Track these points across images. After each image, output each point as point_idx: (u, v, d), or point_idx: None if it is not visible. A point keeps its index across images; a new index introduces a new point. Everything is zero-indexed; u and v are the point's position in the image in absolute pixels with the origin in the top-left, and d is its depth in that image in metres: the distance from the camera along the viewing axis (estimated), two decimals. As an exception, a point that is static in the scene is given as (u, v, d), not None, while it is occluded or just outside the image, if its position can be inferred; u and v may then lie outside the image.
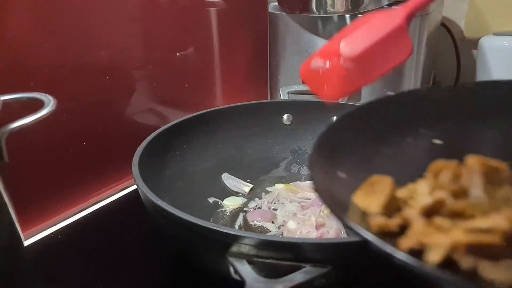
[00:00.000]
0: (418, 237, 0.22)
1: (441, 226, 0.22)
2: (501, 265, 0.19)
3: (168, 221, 0.45)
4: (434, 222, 0.22)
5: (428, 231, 0.22)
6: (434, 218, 0.22)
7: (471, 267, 0.20)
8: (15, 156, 0.42)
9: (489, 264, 0.19)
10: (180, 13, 0.81)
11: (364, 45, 0.42)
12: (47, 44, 0.61)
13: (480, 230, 0.20)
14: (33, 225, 0.63)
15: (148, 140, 0.58)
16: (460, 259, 0.20)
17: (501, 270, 0.19)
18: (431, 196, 0.23)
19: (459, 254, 0.20)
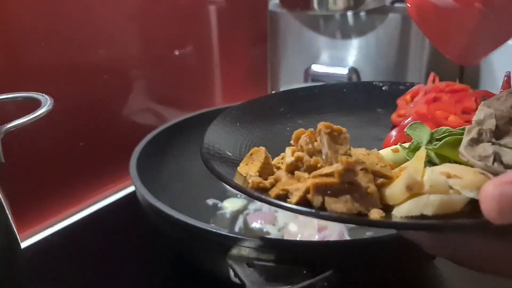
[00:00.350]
0: (283, 186, 0.29)
1: (300, 176, 0.29)
2: (340, 200, 0.26)
3: (166, 223, 0.45)
4: (295, 175, 0.30)
5: (291, 182, 0.29)
6: (296, 172, 0.30)
7: (320, 203, 0.27)
8: (11, 157, 0.42)
9: (332, 200, 0.27)
10: (179, 11, 0.80)
11: None
12: (44, 43, 0.61)
13: (325, 175, 0.27)
14: (30, 227, 0.62)
15: (146, 141, 0.58)
16: (313, 199, 0.27)
17: (341, 203, 0.26)
18: (293, 156, 0.30)
19: (311, 195, 0.27)
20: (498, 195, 0.22)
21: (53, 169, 0.64)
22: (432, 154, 0.31)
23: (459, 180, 0.26)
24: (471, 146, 0.27)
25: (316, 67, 0.80)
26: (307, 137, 0.31)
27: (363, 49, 0.79)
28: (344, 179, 0.26)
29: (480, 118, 0.28)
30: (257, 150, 0.33)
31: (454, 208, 0.26)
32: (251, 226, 0.59)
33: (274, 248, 0.40)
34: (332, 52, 0.82)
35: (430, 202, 0.25)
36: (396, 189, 0.27)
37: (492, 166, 0.26)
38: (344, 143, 0.30)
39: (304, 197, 0.27)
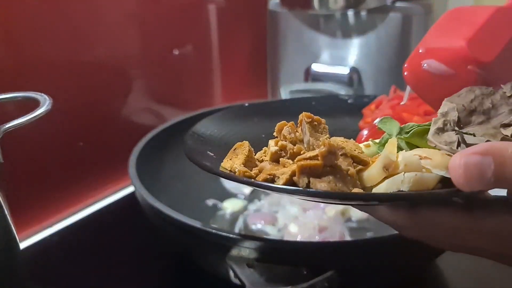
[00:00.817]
0: (269, 172, 0.31)
1: (284, 162, 0.31)
2: (324, 180, 0.29)
3: (166, 223, 0.45)
4: (281, 162, 0.32)
5: (277, 168, 0.31)
6: (281, 159, 0.32)
7: (306, 184, 0.29)
8: (10, 157, 0.42)
9: (317, 180, 0.29)
10: (178, 11, 0.80)
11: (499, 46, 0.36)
12: (43, 43, 0.61)
13: (309, 158, 0.29)
14: (29, 227, 0.62)
15: (146, 140, 0.58)
16: (298, 181, 0.29)
17: (324, 182, 0.28)
18: (277, 146, 0.33)
19: (297, 177, 0.29)
20: (464, 164, 0.26)
21: (52, 169, 0.64)
22: (402, 143, 0.34)
23: (430, 160, 0.29)
24: (438, 134, 0.31)
25: (316, 67, 0.80)
26: (290, 128, 0.34)
27: (363, 48, 0.79)
28: (327, 161, 0.29)
29: (444, 111, 0.32)
30: (240, 145, 0.35)
31: (427, 185, 0.28)
32: (251, 226, 0.59)
33: (274, 248, 0.40)
34: (333, 52, 0.82)
35: (406, 179, 0.28)
36: (373, 171, 0.30)
37: (457, 150, 0.29)
38: (324, 132, 0.33)
39: (291, 179, 0.29)
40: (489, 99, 0.32)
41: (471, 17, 0.38)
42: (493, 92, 0.32)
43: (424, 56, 0.37)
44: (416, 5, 0.76)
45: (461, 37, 0.36)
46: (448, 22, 0.39)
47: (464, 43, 0.35)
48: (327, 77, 0.79)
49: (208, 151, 0.37)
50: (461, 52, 0.35)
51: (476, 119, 0.31)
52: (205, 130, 0.40)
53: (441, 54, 0.36)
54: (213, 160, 0.35)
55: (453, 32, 0.37)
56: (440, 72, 0.36)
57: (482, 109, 0.31)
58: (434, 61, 0.36)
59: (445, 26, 0.38)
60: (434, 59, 0.36)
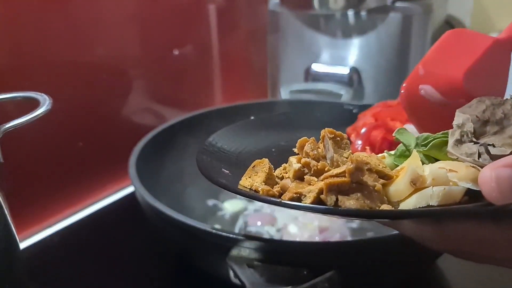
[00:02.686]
0: (295, 190, 0.30)
1: (310, 180, 0.31)
2: (352, 197, 0.28)
3: (166, 224, 0.45)
4: (306, 179, 0.31)
5: (301, 186, 0.31)
6: (305, 176, 0.31)
7: (334, 201, 0.28)
8: (10, 157, 0.42)
9: (345, 198, 0.28)
10: (178, 10, 0.80)
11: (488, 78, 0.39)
12: (43, 43, 0.61)
13: (336, 175, 0.29)
14: (29, 228, 0.62)
15: (146, 141, 0.58)
16: (326, 199, 0.29)
17: (352, 200, 0.28)
18: (299, 163, 0.32)
19: (325, 195, 0.29)
20: (495, 177, 0.26)
21: (52, 169, 0.64)
22: (420, 156, 0.33)
23: (455, 173, 0.29)
24: (457, 146, 0.31)
25: (316, 67, 0.80)
26: (311, 144, 0.33)
27: (364, 48, 0.79)
28: (354, 178, 0.28)
29: (460, 122, 0.32)
30: (259, 162, 0.34)
31: (455, 198, 0.28)
32: (250, 226, 0.58)
33: (275, 249, 0.40)
34: (333, 52, 0.82)
35: (435, 193, 0.28)
36: (400, 185, 0.29)
37: (479, 161, 0.30)
38: (347, 147, 0.33)
39: (318, 197, 0.29)
40: (500, 109, 0.32)
41: (470, 45, 0.39)
42: (502, 102, 0.32)
43: (423, 79, 0.39)
44: (416, 5, 0.76)
45: (459, 68, 0.37)
46: (449, 44, 0.40)
47: (461, 75, 0.37)
48: (327, 77, 0.79)
49: (223, 169, 0.36)
50: (457, 85, 0.37)
51: (491, 129, 0.31)
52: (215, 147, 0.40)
53: (439, 81, 0.38)
54: (229, 178, 0.35)
55: (452, 58, 0.38)
56: (435, 100, 0.38)
57: (495, 119, 0.31)
58: (431, 88, 0.38)
59: (445, 49, 0.40)
60: (431, 85, 0.38)
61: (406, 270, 0.46)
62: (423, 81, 0.39)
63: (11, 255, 0.44)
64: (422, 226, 0.29)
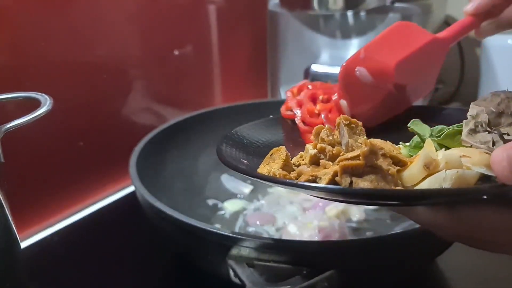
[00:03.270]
0: (311, 173, 0.31)
1: (325, 164, 0.32)
2: (366, 179, 0.29)
3: (166, 223, 0.45)
4: (321, 164, 0.32)
5: (317, 170, 0.32)
6: (321, 161, 0.32)
7: (348, 183, 0.29)
8: (11, 156, 0.42)
9: (359, 180, 0.29)
10: (178, 11, 0.80)
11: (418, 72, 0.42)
12: (44, 43, 0.61)
13: (351, 158, 0.30)
14: (30, 227, 0.62)
15: (146, 140, 0.58)
16: (341, 181, 0.29)
17: (366, 181, 0.29)
18: (316, 148, 0.33)
19: (339, 177, 0.29)
20: (507, 156, 0.26)
21: (53, 169, 0.64)
22: (434, 145, 0.34)
23: (469, 158, 0.29)
24: (471, 135, 0.32)
25: (316, 67, 0.80)
26: (327, 131, 0.34)
27: (363, 48, 0.79)
28: (368, 161, 0.29)
29: (474, 113, 0.33)
30: (277, 150, 0.35)
31: (468, 183, 0.29)
32: (250, 226, 0.58)
33: (274, 248, 0.40)
34: (332, 52, 0.82)
35: (448, 176, 0.28)
36: (414, 169, 0.30)
37: (493, 148, 0.30)
38: (361, 134, 0.33)
39: (333, 179, 0.30)
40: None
41: (411, 39, 0.42)
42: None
43: (361, 62, 0.42)
44: (415, 6, 0.76)
45: (394, 57, 0.41)
46: (393, 35, 0.43)
47: (393, 64, 0.40)
48: (327, 77, 0.79)
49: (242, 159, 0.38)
50: (389, 72, 0.41)
51: (506, 120, 0.33)
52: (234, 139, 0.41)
53: (374, 66, 0.41)
54: (247, 167, 0.36)
55: (392, 48, 0.42)
56: (366, 81, 0.42)
57: (509, 111, 0.33)
58: (365, 71, 0.42)
59: (389, 38, 0.43)
60: (366, 68, 0.41)
61: (405, 269, 0.46)
62: (361, 63, 0.42)
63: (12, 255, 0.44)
64: (436, 212, 0.29)
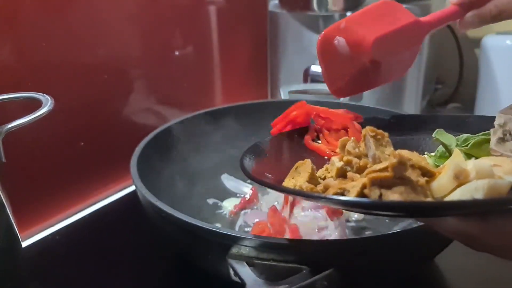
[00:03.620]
0: (339, 186, 0.31)
1: (352, 177, 0.31)
2: (396, 190, 0.28)
3: (166, 222, 0.45)
4: (348, 176, 0.32)
5: (344, 183, 0.31)
6: (348, 173, 0.32)
7: (378, 195, 0.29)
8: (12, 156, 0.42)
9: (389, 192, 0.28)
10: (179, 12, 0.80)
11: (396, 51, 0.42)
12: (45, 44, 0.61)
13: (379, 170, 0.29)
14: (31, 226, 0.62)
15: (147, 140, 0.58)
16: (370, 193, 0.29)
17: (396, 193, 0.28)
18: (342, 161, 0.33)
19: (368, 190, 0.29)
20: None
21: (54, 169, 0.65)
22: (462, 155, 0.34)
23: (500, 167, 0.29)
24: (500, 144, 0.32)
25: (315, 68, 0.80)
26: (353, 143, 0.34)
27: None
28: (397, 173, 0.28)
29: (501, 122, 0.33)
30: (302, 163, 0.35)
31: (500, 192, 0.28)
32: (250, 225, 0.58)
33: (274, 247, 0.40)
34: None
35: (480, 186, 0.27)
36: (444, 180, 0.29)
37: None
38: (388, 145, 0.33)
39: (361, 192, 0.29)
40: None
41: (393, 17, 0.43)
42: None
43: (341, 32, 0.42)
44: (414, 6, 0.76)
45: (374, 32, 0.41)
46: (378, 11, 0.43)
47: (372, 39, 0.40)
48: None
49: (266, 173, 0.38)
50: (366, 46, 0.40)
51: None
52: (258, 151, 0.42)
53: (353, 37, 0.41)
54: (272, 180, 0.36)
55: (373, 23, 0.42)
56: (343, 52, 0.42)
57: None
58: (344, 41, 0.42)
59: (372, 13, 0.43)
60: (345, 39, 0.41)
61: (404, 268, 0.46)
62: (341, 33, 0.42)
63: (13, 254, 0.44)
64: (467, 223, 0.28)
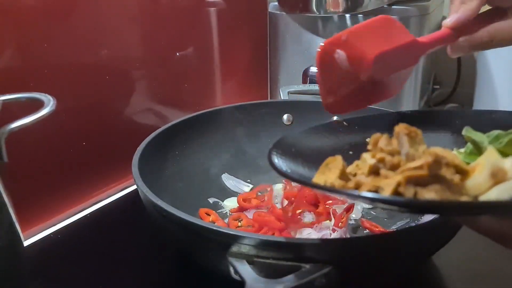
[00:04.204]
0: (373, 183, 0.30)
1: (386, 174, 0.30)
2: (431, 189, 0.28)
3: (168, 221, 0.45)
4: (381, 174, 0.31)
5: (377, 180, 0.30)
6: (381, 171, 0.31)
7: (413, 194, 0.28)
8: (15, 156, 0.42)
9: (424, 190, 0.28)
10: (180, 13, 0.80)
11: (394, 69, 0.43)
12: (47, 44, 0.61)
13: (414, 168, 0.28)
14: (33, 225, 0.63)
15: (148, 140, 0.58)
16: (404, 191, 0.28)
17: (431, 192, 0.27)
18: (374, 158, 0.32)
19: (403, 188, 0.28)
20: None
21: (56, 168, 0.65)
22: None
23: None
24: None
25: (314, 69, 0.81)
26: (385, 140, 0.33)
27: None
28: (432, 171, 0.28)
29: None
30: (333, 159, 0.34)
31: None
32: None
33: (274, 245, 0.40)
34: (331, 53, 0.82)
35: None
36: (480, 178, 0.29)
37: None
38: (421, 143, 0.32)
39: (396, 190, 0.28)
40: None
41: (393, 35, 0.42)
42: None
43: (341, 45, 0.41)
44: (412, 7, 0.77)
45: (375, 49, 0.40)
46: (378, 26, 0.43)
47: (373, 56, 0.40)
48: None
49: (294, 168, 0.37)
50: (367, 62, 0.40)
51: None
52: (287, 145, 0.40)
53: (353, 52, 0.41)
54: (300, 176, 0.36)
55: (374, 39, 0.42)
56: (342, 66, 0.41)
57: None
58: (344, 55, 0.41)
59: (373, 29, 0.43)
60: (346, 53, 0.41)
61: (402, 266, 0.46)
62: (341, 46, 0.41)
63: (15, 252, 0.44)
64: (503, 221, 0.28)
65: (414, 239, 0.43)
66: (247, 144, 0.70)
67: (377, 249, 0.42)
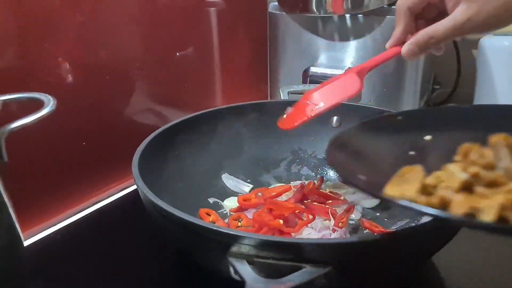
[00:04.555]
0: (468, 203, 0.25)
1: (484, 194, 0.26)
2: None
3: (168, 221, 0.45)
4: (476, 192, 0.26)
5: (474, 200, 0.26)
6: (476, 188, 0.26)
7: None
8: (14, 156, 0.42)
9: None
10: (180, 13, 0.81)
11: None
12: (47, 45, 0.61)
13: None
14: (33, 225, 0.63)
15: (148, 140, 0.58)
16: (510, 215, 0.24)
17: None
18: (466, 172, 0.27)
19: (508, 211, 0.24)
20: None
21: (56, 168, 0.65)
22: None
23: None
24: None
25: (314, 69, 0.81)
26: (478, 152, 0.29)
27: (361, 50, 0.80)
28: None
29: None
30: (410, 170, 0.30)
31: None
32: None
33: (274, 245, 0.40)
34: (331, 54, 0.82)
35: None
36: None
37: None
38: None
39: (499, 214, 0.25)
40: None
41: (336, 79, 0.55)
42: None
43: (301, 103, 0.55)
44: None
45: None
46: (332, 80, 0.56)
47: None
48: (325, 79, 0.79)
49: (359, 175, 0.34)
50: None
51: None
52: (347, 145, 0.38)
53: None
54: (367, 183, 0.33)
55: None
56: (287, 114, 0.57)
57: None
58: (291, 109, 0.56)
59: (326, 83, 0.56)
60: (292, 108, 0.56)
61: (402, 267, 0.46)
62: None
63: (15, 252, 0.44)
64: None
65: (414, 239, 0.43)
66: (247, 144, 0.70)
67: (377, 249, 0.42)
